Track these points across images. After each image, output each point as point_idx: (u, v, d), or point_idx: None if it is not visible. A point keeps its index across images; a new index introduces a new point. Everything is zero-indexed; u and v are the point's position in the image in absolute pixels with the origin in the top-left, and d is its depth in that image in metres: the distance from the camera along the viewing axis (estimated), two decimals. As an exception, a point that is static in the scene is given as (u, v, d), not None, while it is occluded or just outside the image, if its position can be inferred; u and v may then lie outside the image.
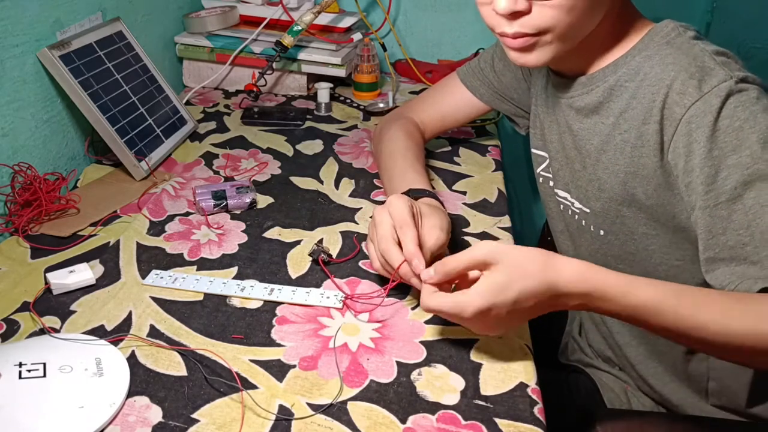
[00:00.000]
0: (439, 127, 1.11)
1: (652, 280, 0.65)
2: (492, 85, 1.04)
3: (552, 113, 0.89)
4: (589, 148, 0.83)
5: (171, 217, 0.94)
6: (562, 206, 0.93)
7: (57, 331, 0.72)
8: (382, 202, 1.00)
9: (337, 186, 1.05)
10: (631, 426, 0.90)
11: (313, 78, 1.41)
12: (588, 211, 0.87)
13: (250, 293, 0.79)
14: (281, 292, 0.79)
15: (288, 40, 1.30)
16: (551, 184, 0.94)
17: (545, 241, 1.29)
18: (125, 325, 0.74)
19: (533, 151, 0.97)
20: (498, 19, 0.74)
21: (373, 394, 0.66)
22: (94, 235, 0.89)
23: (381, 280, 0.81)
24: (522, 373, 0.70)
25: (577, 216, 0.90)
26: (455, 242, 0.91)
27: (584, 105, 0.82)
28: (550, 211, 0.98)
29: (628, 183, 0.79)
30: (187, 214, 0.95)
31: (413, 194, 0.85)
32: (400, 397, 0.66)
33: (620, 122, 0.79)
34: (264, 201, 1.00)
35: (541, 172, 0.95)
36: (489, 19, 0.76)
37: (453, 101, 1.08)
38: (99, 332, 0.72)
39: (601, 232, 0.86)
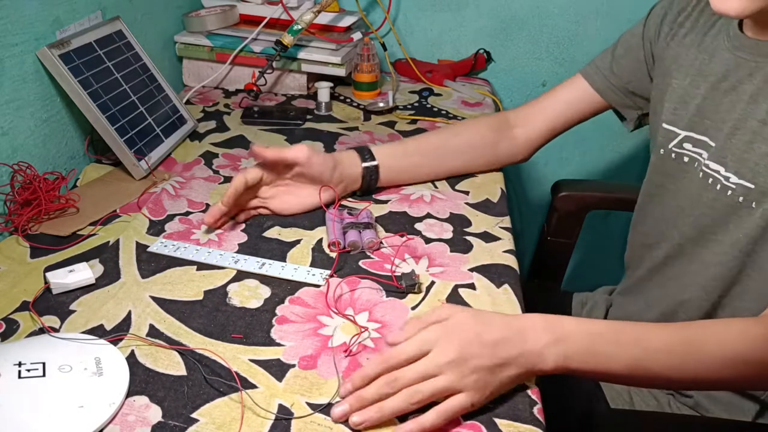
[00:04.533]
0: (541, 120, 1.06)
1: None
2: (608, 72, 1.01)
3: (733, 77, 0.82)
4: None
5: (171, 217, 0.94)
6: (710, 180, 0.83)
7: (56, 330, 0.72)
8: (385, 202, 1.01)
9: (337, 185, 1.05)
10: (632, 427, 0.90)
11: (313, 77, 1.41)
12: (752, 186, 0.78)
13: (243, 266, 0.83)
14: (271, 267, 0.83)
15: (288, 39, 1.30)
16: (695, 157, 0.86)
17: (545, 241, 1.29)
18: (125, 324, 0.73)
19: (666, 126, 0.90)
20: None
21: (373, 393, 0.66)
22: (94, 234, 0.89)
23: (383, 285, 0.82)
24: (522, 372, 0.69)
25: (730, 192, 0.81)
26: (457, 240, 0.91)
27: None
28: (674, 186, 0.90)
29: None
30: (187, 213, 0.95)
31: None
32: (400, 396, 0.66)
33: None
34: (264, 200, 0.99)
35: (674, 148, 0.89)
36: None
37: (564, 95, 1.05)
38: (98, 332, 0.72)
39: (761, 211, 0.79)
